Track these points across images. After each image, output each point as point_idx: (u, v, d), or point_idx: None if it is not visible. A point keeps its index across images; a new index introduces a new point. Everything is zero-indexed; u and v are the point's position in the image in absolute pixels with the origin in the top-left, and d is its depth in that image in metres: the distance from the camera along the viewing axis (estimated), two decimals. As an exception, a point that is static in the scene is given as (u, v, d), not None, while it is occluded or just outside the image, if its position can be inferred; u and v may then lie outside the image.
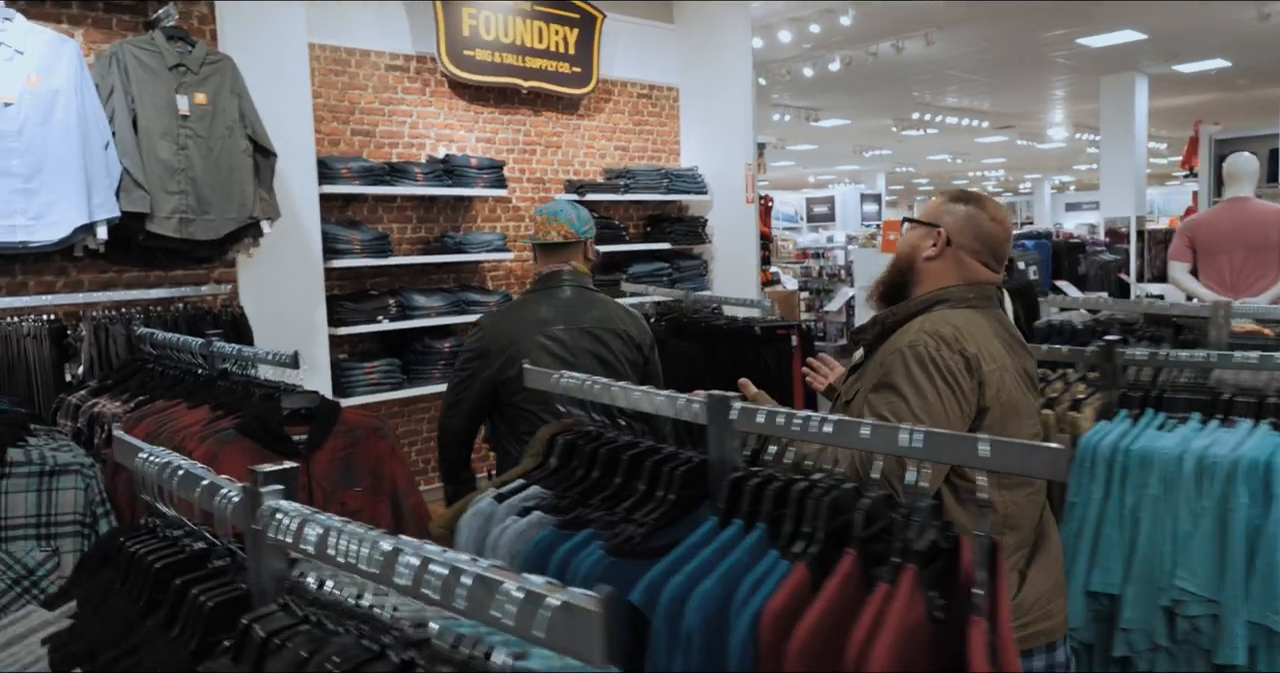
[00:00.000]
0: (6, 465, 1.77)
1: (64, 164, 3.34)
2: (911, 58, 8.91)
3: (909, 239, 1.84)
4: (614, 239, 5.86)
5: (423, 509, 2.28)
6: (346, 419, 2.19)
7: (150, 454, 1.17)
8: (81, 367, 3.31)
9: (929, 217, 1.83)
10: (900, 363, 1.64)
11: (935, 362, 1.62)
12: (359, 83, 5.01)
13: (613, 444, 1.42)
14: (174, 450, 2.08)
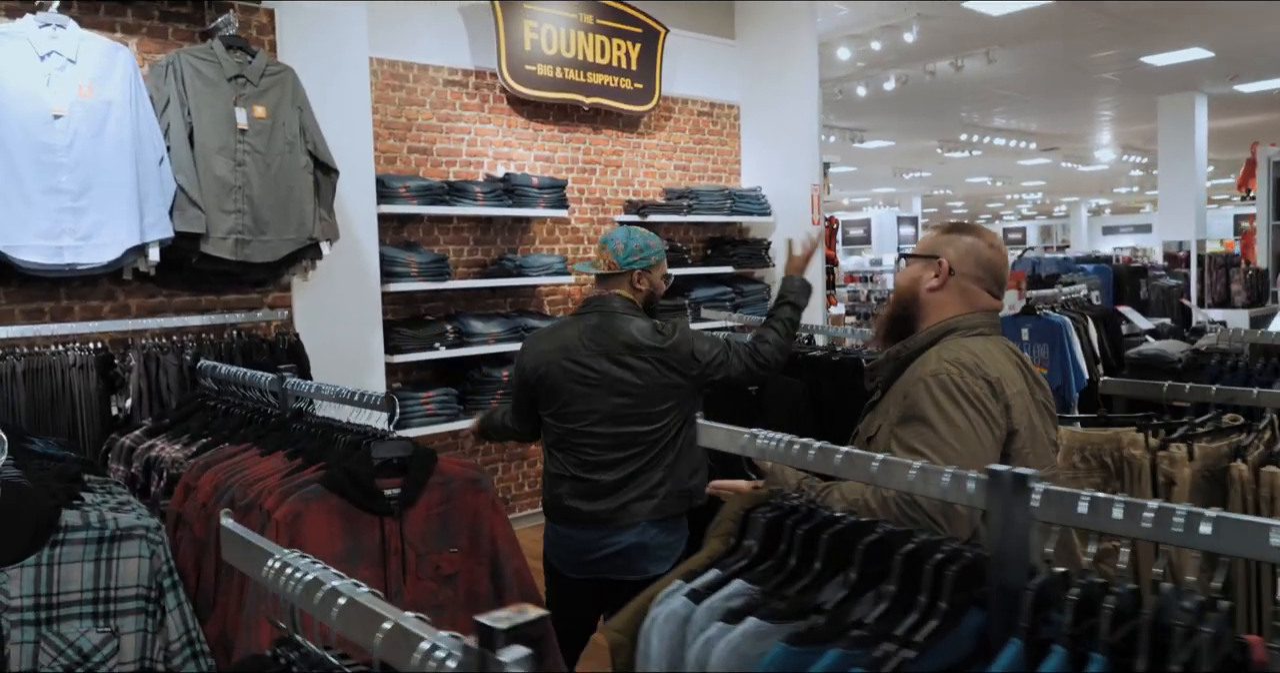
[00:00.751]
0: (61, 531, 1.48)
1: (116, 181, 3.10)
2: (966, 77, 8.62)
3: (909, 273, 1.84)
4: (677, 262, 5.56)
5: (526, 575, 1.97)
6: (442, 469, 1.89)
7: (288, 566, 0.85)
8: (129, 400, 3.05)
9: (927, 249, 1.83)
10: (925, 393, 1.61)
11: (960, 388, 1.60)
12: (416, 98, 4.78)
13: (836, 526, 1.10)
14: (248, 508, 1.80)
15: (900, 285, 1.86)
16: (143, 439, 2.24)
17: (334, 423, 2.01)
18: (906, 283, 1.84)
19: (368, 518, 1.77)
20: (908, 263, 1.87)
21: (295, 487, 1.75)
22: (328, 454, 1.88)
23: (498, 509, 1.94)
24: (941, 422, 1.58)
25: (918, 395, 1.62)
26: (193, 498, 1.90)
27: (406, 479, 1.82)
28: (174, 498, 1.95)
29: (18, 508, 1.44)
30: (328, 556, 1.69)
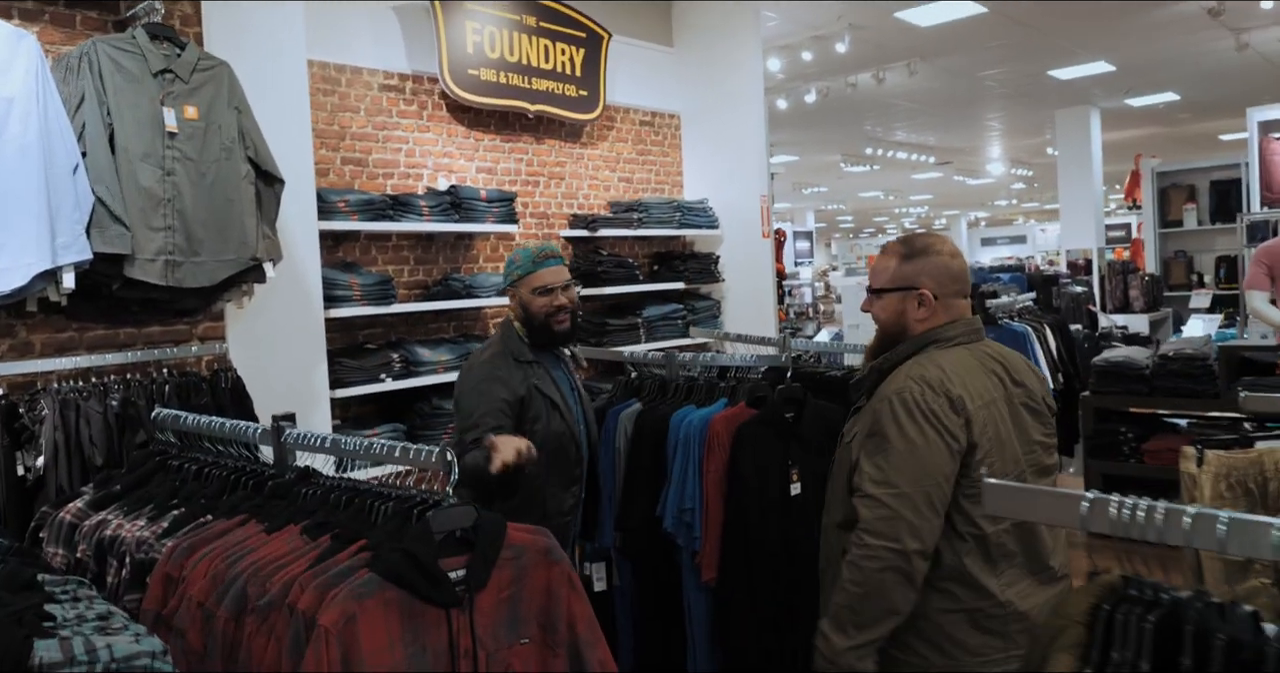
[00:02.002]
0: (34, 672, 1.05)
1: (20, 192, 2.56)
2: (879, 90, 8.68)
3: (890, 307, 1.88)
4: (628, 279, 5.26)
5: (611, 666, 1.61)
6: (510, 539, 1.52)
7: None
8: (41, 457, 2.51)
9: (901, 280, 1.87)
10: (889, 411, 1.75)
11: (919, 406, 1.73)
12: (350, 104, 4.33)
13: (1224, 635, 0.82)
14: (270, 608, 1.38)
15: (885, 321, 1.90)
16: (88, 513, 1.77)
17: (358, 485, 1.60)
18: (892, 317, 1.89)
19: (433, 613, 1.38)
20: (878, 297, 1.91)
21: (337, 578, 1.35)
22: (367, 529, 1.48)
23: (575, 586, 1.58)
24: (899, 438, 1.72)
25: (881, 412, 1.76)
26: (180, 594, 1.47)
27: (474, 557, 1.45)
28: (150, 594, 1.51)
29: (-22, 647, 1.01)
30: (386, 668, 1.30)
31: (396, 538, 1.42)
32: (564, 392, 2.59)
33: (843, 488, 1.85)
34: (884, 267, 1.92)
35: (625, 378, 3.09)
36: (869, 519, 1.71)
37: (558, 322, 2.54)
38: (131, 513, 1.73)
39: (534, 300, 2.52)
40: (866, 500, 1.73)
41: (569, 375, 2.70)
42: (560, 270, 2.58)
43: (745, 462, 2.53)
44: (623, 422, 2.84)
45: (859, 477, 1.76)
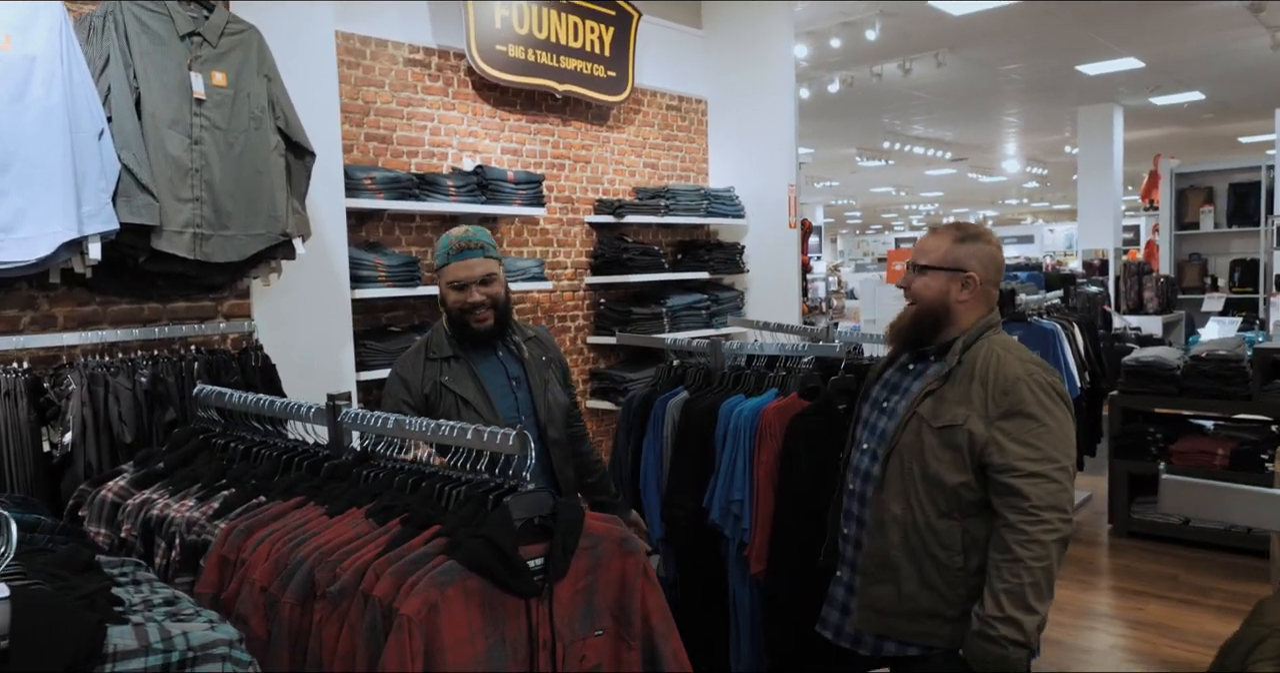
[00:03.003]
0: (109, 660, 0.95)
1: (44, 158, 2.45)
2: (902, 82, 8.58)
3: (935, 286, 1.97)
4: (653, 267, 5.15)
5: (684, 658, 1.52)
6: (588, 528, 1.42)
7: None
8: (69, 434, 2.40)
9: (951, 262, 1.96)
10: (1029, 393, 1.85)
11: (1053, 387, 1.89)
12: (375, 79, 4.21)
13: None
14: (341, 595, 1.28)
15: (928, 298, 1.99)
16: (130, 491, 1.67)
17: (424, 468, 1.50)
18: (935, 295, 1.98)
19: (513, 603, 1.29)
20: (923, 273, 1.98)
21: (413, 565, 1.25)
22: (439, 514, 1.38)
23: (650, 577, 1.49)
24: (1048, 417, 1.84)
25: (1021, 394, 1.85)
26: (240, 578, 1.37)
27: (553, 545, 1.35)
28: (205, 577, 1.41)
29: (48, 634, 0.91)
30: (466, 659, 1.21)
31: (473, 524, 1.32)
32: (490, 387, 2.36)
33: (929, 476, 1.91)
34: (935, 246, 1.99)
35: (667, 366, 2.98)
36: (1040, 496, 1.80)
37: (476, 320, 2.32)
38: (178, 492, 1.63)
39: (448, 295, 2.36)
40: (1031, 480, 1.80)
41: (513, 367, 2.44)
42: (474, 264, 2.34)
43: (799, 454, 2.43)
44: (669, 410, 2.75)
45: (1005, 457, 1.83)
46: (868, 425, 2.11)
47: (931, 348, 2.02)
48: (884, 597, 1.95)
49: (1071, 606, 4.14)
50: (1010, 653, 1.80)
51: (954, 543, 1.90)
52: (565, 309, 5.06)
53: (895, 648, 1.99)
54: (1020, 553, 1.79)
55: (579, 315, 5.14)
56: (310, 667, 1.26)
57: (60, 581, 1.06)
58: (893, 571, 1.94)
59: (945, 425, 1.89)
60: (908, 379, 2.07)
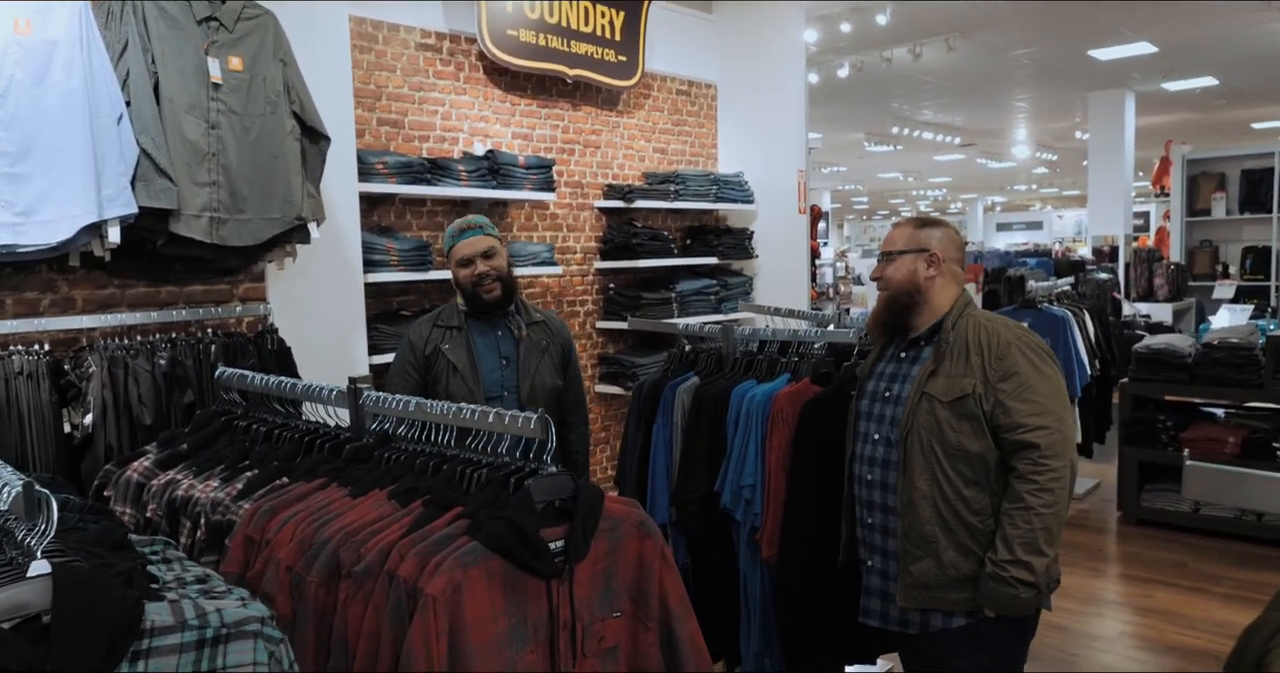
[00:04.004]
0: (146, 635, 0.98)
1: (65, 142, 2.48)
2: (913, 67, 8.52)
3: (904, 267, 2.16)
4: (662, 252, 5.16)
5: (700, 642, 1.55)
6: (607, 511, 1.45)
7: None
8: (90, 415, 2.44)
9: (914, 244, 2.17)
10: (1019, 356, 2.01)
11: (1039, 346, 2.06)
12: (387, 63, 4.21)
13: None
14: (366, 575, 1.31)
15: (898, 280, 2.16)
16: (155, 472, 1.70)
17: (444, 451, 1.53)
18: (905, 276, 2.15)
19: (534, 584, 1.31)
20: (891, 260, 2.17)
21: (436, 546, 1.27)
22: (460, 496, 1.40)
23: (668, 560, 1.51)
24: (1038, 374, 2.00)
25: (1014, 357, 2.01)
26: (265, 558, 1.40)
27: (573, 528, 1.37)
28: (230, 556, 1.44)
29: (88, 610, 0.93)
30: (489, 639, 1.23)
31: (495, 506, 1.34)
32: (481, 360, 2.64)
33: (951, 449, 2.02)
34: (899, 234, 2.20)
35: (679, 351, 3.00)
36: (1048, 446, 1.94)
37: (484, 290, 2.63)
38: (201, 473, 1.65)
39: (458, 273, 2.66)
40: (1039, 432, 1.95)
41: (507, 347, 2.71)
42: (476, 241, 2.68)
43: (811, 439, 2.45)
44: (680, 395, 2.76)
45: (1010, 417, 1.96)
46: (872, 418, 2.21)
47: (921, 334, 2.16)
48: (926, 572, 2.04)
49: (1080, 592, 4.17)
50: (1021, 593, 1.94)
51: (984, 508, 2.02)
52: (574, 294, 5.08)
53: (942, 621, 2.07)
54: (1031, 501, 1.93)
55: (588, 300, 5.15)
56: (335, 644, 1.29)
57: (96, 558, 1.08)
58: (930, 544, 2.03)
59: (957, 398, 2.01)
60: (904, 367, 2.18)
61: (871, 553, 2.20)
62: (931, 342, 2.14)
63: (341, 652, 1.27)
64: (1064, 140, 14.80)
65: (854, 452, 2.25)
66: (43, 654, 0.92)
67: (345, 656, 1.26)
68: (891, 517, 2.13)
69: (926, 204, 27.83)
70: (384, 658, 1.21)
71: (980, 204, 27.52)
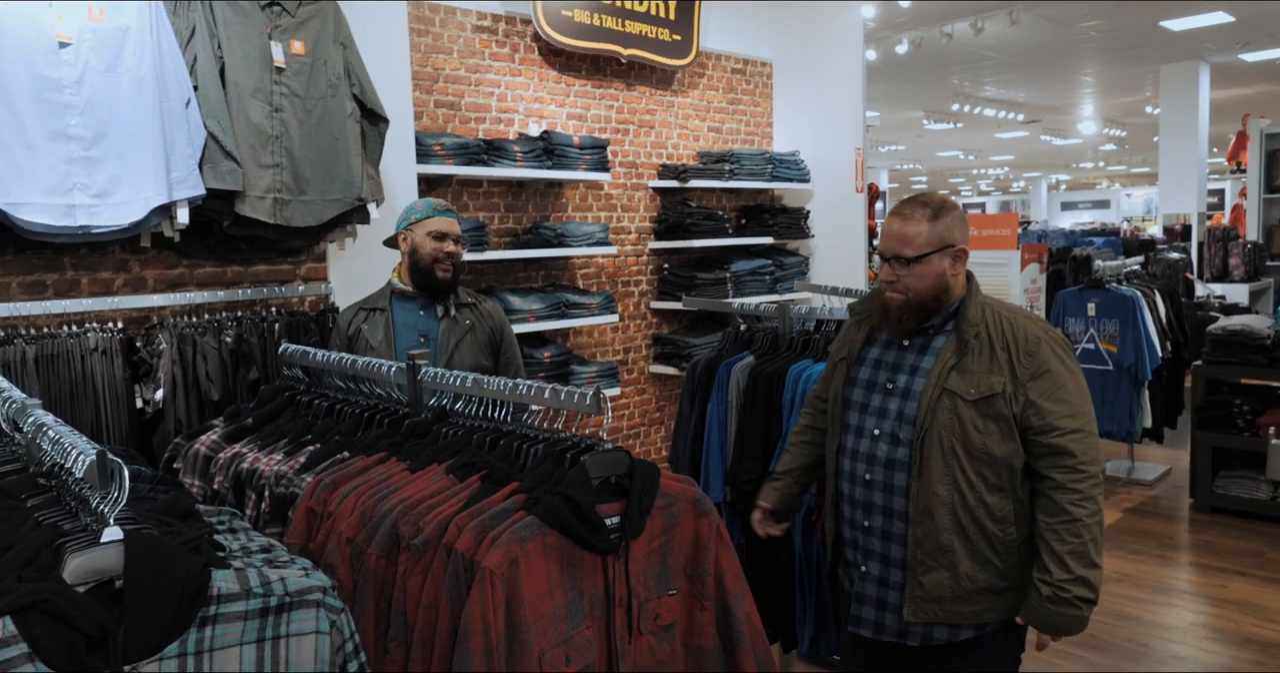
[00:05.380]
0: (213, 602, 1.00)
1: (136, 126, 2.55)
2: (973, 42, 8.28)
3: (931, 272, 1.88)
4: (717, 232, 5.12)
5: (757, 621, 1.54)
6: (663, 488, 1.44)
7: None
8: (160, 391, 2.52)
9: (936, 243, 1.88)
10: (1049, 352, 1.86)
11: (1065, 342, 1.92)
12: (444, 46, 4.23)
13: None
14: (424, 547, 1.32)
15: (923, 287, 1.89)
16: (222, 445, 1.75)
17: (502, 426, 1.54)
18: (932, 280, 1.89)
19: (590, 560, 1.32)
20: (912, 265, 1.87)
21: (494, 519, 1.29)
22: (517, 472, 1.41)
23: (724, 538, 1.51)
24: (1068, 373, 1.87)
25: (1045, 354, 1.85)
26: (327, 529, 1.42)
27: (629, 504, 1.37)
28: (293, 528, 1.47)
29: (158, 576, 0.96)
30: (545, 613, 1.24)
31: (551, 482, 1.35)
32: (399, 338, 2.62)
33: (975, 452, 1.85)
34: (915, 232, 1.87)
35: (734, 330, 2.98)
36: (1084, 451, 1.82)
37: (441, 268, 2.63)
38: (266, 447, 1.69)
39: (426, 243, 2.63)
40: (1073, 436, 1.82)
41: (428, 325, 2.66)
42: (454, 223, 2.69)
43: (869, 418, 2.41)
44: (735, 375, 2.75)
45: (1044, 419, 1.82)
46: (870, 411, 1.99)
47: (934, 322, 1.94)
48: (940, 584, 1.87)
49: (1150, 581, 4.06)
50: (1085, 612, 1.81)
51: (1007, 515, 1.86)
52: (629, 274, 5.08)
53: (946, 634, 1.92)
54: (1077, 513, 1.79)
55: (642, 281, 5.15)
56: (394, 615, 1.31)
57: (166, 526, 1.12)
58: (946, 554, 1.86)
59: (984, 397, 1.84)
60: (911, 357, 1.96)
61: (867, 558, 1.99)
62: (943, 331, 1.93)
63: (400, 623, 1.29)
64: (1133, 116, 14.29)
65: (844, 445, 2.02)
66: (115, 617, 0.95)
67: (404, 626, 1.28)
68: (897, 522, 1.93)
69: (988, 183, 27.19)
70: (442, 629, 1.23)
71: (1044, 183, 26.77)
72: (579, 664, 1.29)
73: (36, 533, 1.05)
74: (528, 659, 1.23)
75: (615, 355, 5.01)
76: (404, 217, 2.70)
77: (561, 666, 1.27)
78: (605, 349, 4.97)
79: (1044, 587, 1.80)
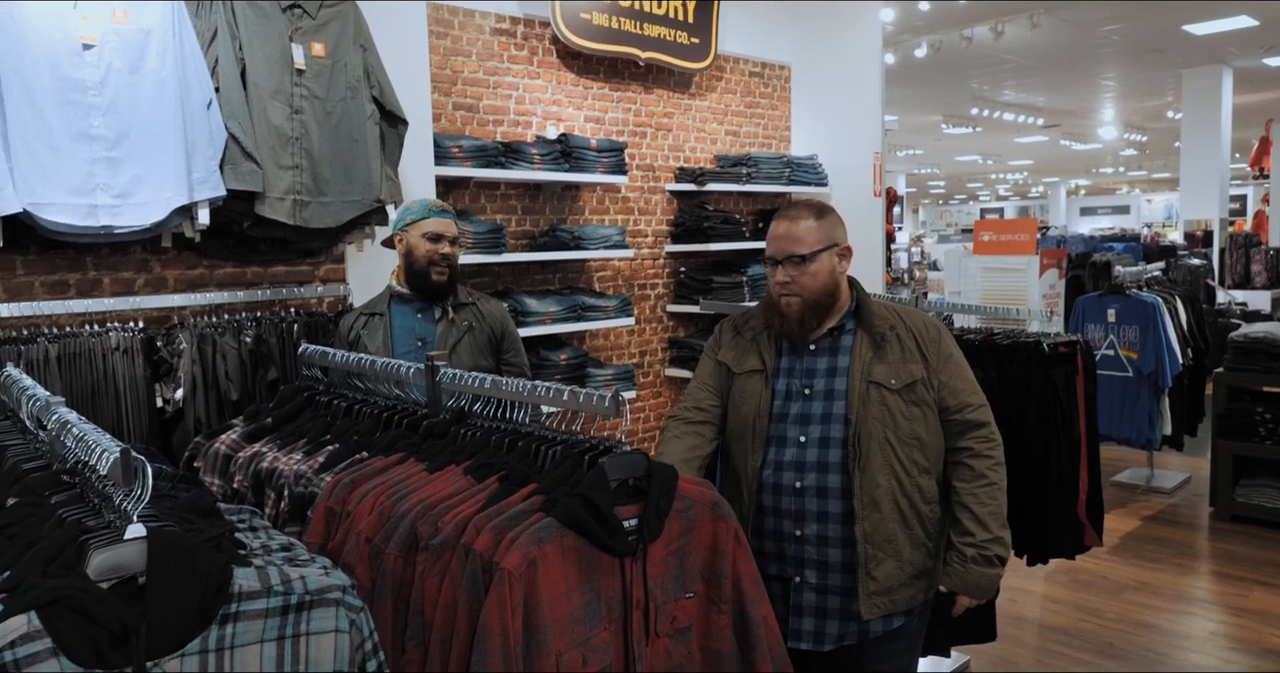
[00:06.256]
0: (234, 599, 1.01)
1: (158, 127, 2.57)
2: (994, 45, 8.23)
3: (824, 269, 1.94)
4: (734, 236, 5.12)
5: (774, 625, 1.53)
6: (680, 491, 1.44)
7: None
8: (180, 390, 2.53)
9: (826, 240, 1.96)
10: (945, 337, 2.02)
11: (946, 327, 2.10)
12: (463, 48, 4.25)
13: None
14: (442, 547, 1.32)
15: (817, 285, 1.94)
16: (241, 444, 1.75)
17: (520, 428, 1.54)
18: (825, 276, 1.95)
19: (608, 562, 1.32)
20: (804, 263, 1.92)
21: (511, 520, 1.28)
22: (535, 473, 1.41)
23: (742, 542, 1.50)
24: (959, 352, 2.03)
25: (943, 339, 2.01)
26: (345, 529, 1.43)
27: (647, 507, 1.37)
28: (312, 528, 1.48)
29: (180, 573, 0.97)
30: (563, 615, 1.24)
31: (569, 483, 1.35)
32: (396, 342, 2.58)
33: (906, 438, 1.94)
34: (804, 231, 1.94)
35: (751, 333, 2.96)
36: (990, 422, 1.99)
37: (437, 271, 2.58)
38: (285, 447, 1.70)
39: (421, 244, 2.57)
40: (982, 410, 1.98)
41: (425, 328, 2.61)
42: (451, 224, 2.63)
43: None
44: (752, 377, 2.73)
45: (957, 398, 1.96)
46: (791, 420, 1.96)
47: (835, 323, 1.99)
48: (890, 574, 1.92)
49: (1168, 589, 4.02)
50: (1000, 571, 1.93)
51: (934, 496, 1.98)
52: (645, 277, 5.08)
53: (881, 626, 1.95)
54: (993, 476, 1.94)
55: (659, 284, 5.14)
56: (412, 615, 1.31)
57: (188, 524, 1.12)
58: (892, 543, 1.92)
59: (906, 384, 1.94)
60: (823, 360, 1.98)
61: (802, 568, 1.94)
62: (846, 331, 1.98)
63: (418, 623, 1.29)
64: (1154, 120, 14.18)
65: (766, 459, 1.97)
66: (138, 613, 0.96)
67: (422, 626, 1.28)
68: (834, 524, 1.91)
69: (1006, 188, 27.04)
70: (460, 629, 1.23)
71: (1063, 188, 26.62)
72: (596, 666, 1.29)
73: (61, 530, 1.06)
74: (545, 660, 1.22)
75: (631, 359, 5.01)
76: (399, 218, 2.66)
77: (578, 667, 1.27)
78: (621, 352, 4.97)
79: (969, 549, 1.91)
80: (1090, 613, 3.77)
